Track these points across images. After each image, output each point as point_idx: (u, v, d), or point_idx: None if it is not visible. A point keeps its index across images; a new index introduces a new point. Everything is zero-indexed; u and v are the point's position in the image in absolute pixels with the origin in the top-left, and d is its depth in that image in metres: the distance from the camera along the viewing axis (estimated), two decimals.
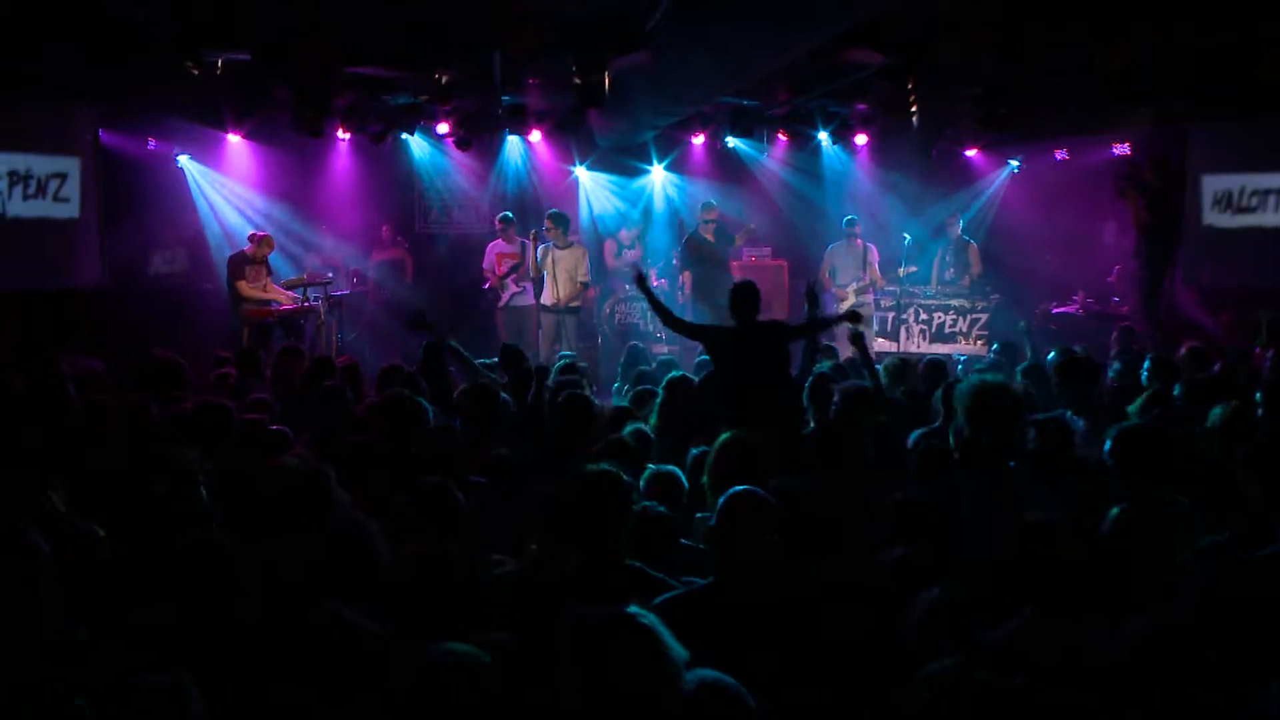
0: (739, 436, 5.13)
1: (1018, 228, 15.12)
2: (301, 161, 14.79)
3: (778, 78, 11.25)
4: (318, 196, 15.02)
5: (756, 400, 6.99)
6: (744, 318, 7.40)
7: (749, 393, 7.09)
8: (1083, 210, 14.94)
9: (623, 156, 15.26)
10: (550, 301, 12.36)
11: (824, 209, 15.66)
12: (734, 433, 5.16)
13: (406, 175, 15.52)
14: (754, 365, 7.24)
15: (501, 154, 15.27)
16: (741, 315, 7.42)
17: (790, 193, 15.72)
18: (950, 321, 13.88)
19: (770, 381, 7.20)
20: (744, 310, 7.42)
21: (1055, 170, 15.02)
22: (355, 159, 14.99)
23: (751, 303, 7.46)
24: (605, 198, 15.75)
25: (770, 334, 7.49)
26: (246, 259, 12.01)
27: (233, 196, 14.11)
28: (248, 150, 14.04)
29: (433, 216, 15.96)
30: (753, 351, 7.29)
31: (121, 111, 12.07)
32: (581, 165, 15.49)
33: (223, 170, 13.99)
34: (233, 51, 8.47)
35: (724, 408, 7.05)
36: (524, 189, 15.47)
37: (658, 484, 5.13)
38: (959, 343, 13.81)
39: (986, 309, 13.79)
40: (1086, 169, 14.51)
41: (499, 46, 6.96)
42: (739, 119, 13.98)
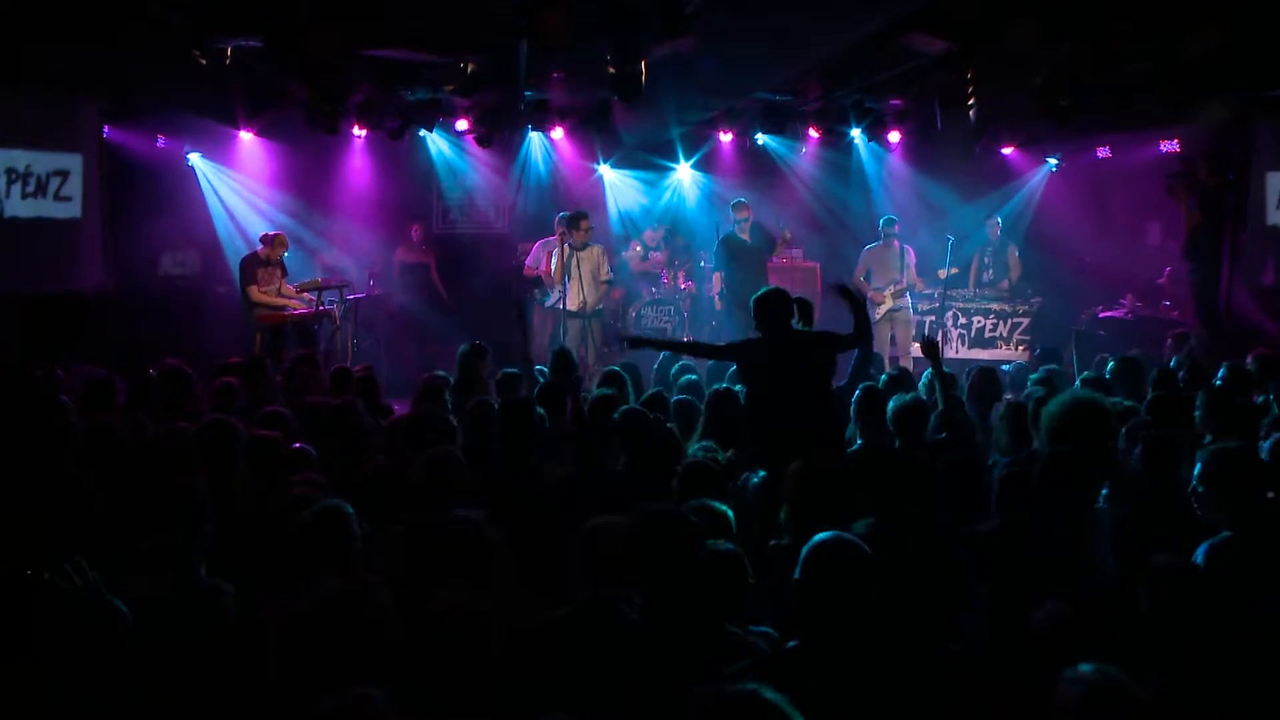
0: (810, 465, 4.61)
1: (1058, 228, 14.54)
2: (316, 160, 14.31)
3: (817, 70, 10.75)
4: (333, 196, 14.54)
5: (789, 420, 6.38)
6: (774, 328, 6.76)
7: (780, 412, 6.48)
8: (1126, 210, 14.45)
9: (648, 154, 14.76)
10: (576, 306, 11.79)
11: (857, 208, 15.14)
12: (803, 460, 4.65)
13: (425, 174, 15.01)
14: (786, 381, 6.60)
15: (523, 151, 14.75)
16: (770, 326, 6.77)
17: (822, 192, 15.21)
18: (990, 326, 13.35)
19: (805, 398, 6.55)
20: (773, 320, 6.77)
21: (1097, 169, 14.45)
22: (371, 157, 14.52)
23: (780, 312, 6.80)
24: (631, 196, 15.22)
25: (807, 345, 6.84)
26: (259, 261, 11.49)
27: (246, 196, 13.66)
28: (260, 148, 13.60)
29: (451, 216, 15.42)
30: (784, 366, 6.63)
31: (127, 106, 11.56)
32: (606, 163, 15.00)
33: (235, 168, 13.54)
34: (242, 37, 7.92)
35: (755, 429, 6.49)
36: (546, 188, 14.97)
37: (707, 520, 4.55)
38: (999, 348, 13.28)
39: (1028, 313, 13.28)
40: (1131, 167, 13.93)
41: (529, 33, 6.40)
42: (770, 115, 13.43)
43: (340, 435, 6.05)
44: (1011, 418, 6.44)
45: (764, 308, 6.77)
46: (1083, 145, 14.32)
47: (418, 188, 15.09)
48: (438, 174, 15.06)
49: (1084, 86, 7.43)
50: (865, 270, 12.65)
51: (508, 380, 7.86)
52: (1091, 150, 14.33)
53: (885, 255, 12.58)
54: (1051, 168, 15.00)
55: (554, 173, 14.93)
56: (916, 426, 6.23)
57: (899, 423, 6.22)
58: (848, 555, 3.21)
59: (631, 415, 5.96)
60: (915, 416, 6.23)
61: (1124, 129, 13.16)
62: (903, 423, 6.21)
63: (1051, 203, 14.92)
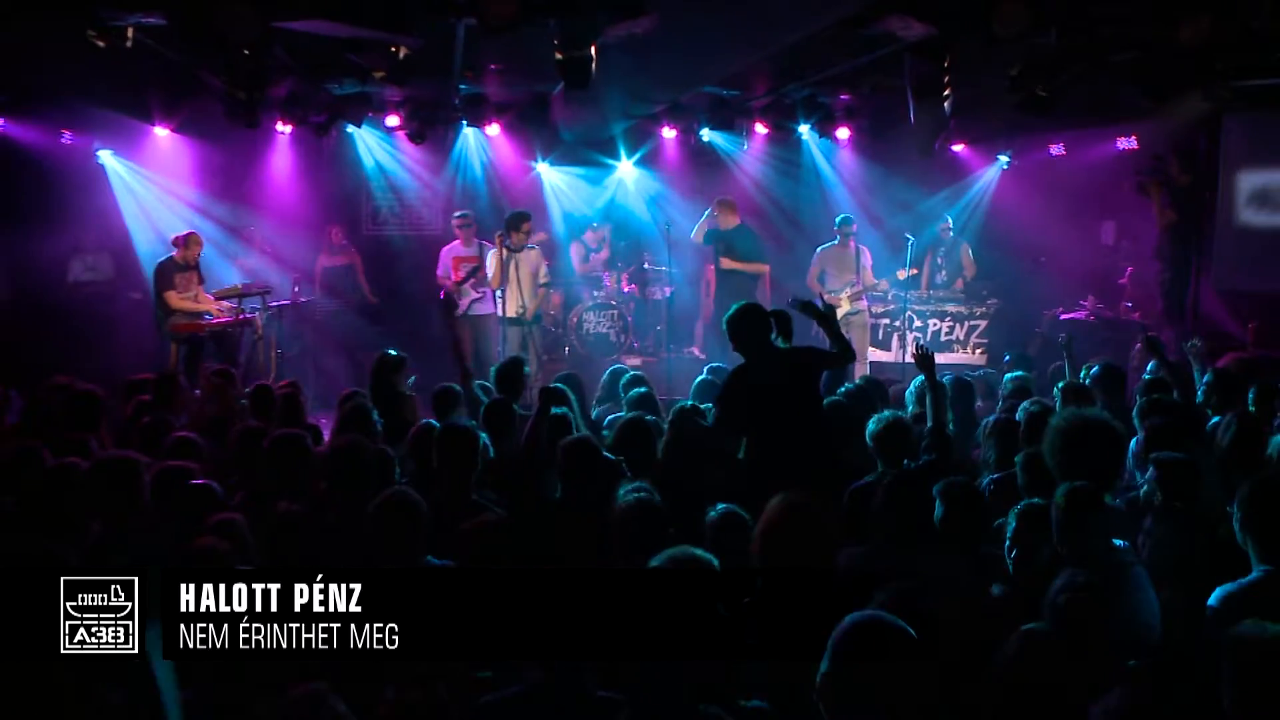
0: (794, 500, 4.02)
1: (1011, 227, 14.17)
2: (238, 158, 13.43)
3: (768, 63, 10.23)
4: (256, 197, 13.70)
5: (783, 451, 5.79)
6: (753, 349, 6.11)
7: (772, 442, 5.87)
8: (1080, 208, 14.00)
9: (588, 151, 14.10)
10: (516, 312, 11.10)
11: (808, 207, 14.62)
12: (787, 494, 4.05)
13: (354, 172, 14.22)
14: (777, 407, 5.94)
15: (457, 148, 14.03)
16: (749, 346, 6.11)
17: (771, 190, 14.66)
18: (946, 329, 12.87)
19: (801, 424, 5.94)
20: (750, 340, 6.13)
21: (1050, 166, 14.06)
22: (297, 155, 13.72)
23: (756, 329, 6.16)
24: (570, 195, 14.58)
25: (794, 365, 6.18)
26: (176, 265, 10.72)
27: (162, 196, 12.83)
28: (178, 145, 12.78)
29: (382, 217, 14.66)
30: (772, 390, 5.97)
31: (22, 97, 10.72)
32: (544, 161, 14.32)
33: (150, 167, 12.72)
34: (142, 13, 7.11)
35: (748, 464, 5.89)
36: (482, 186, 14.24)
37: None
38: (956, 352, 12.81)
39: (985, 315, 12.82)
40: (1085, 164, 13.55)
41: (471, 10, 5.75)
42: (717, 110, 12.86)
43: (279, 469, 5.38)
44: (1001, 434, 5.93)
45: (738, 326, 6.15)
46: (1035, 142, 13.95)
47: (347, 187, 14.32)
48: (367, 173, 14.28)
49: (1062, 77, 6.91)
50: (819, 271, 12.08)
51: (444, 397, 7.20)
52: (1044, 147, 13.96)
53: (841, 256, 12.03)
54: (1003, 165, 14.61)
55: (490, 171, 14.24)
56: (902, 448, 5.68)
57: (882, 443, 5.66)
58: (890, 642, 2.60)
59: (578, 450, 5.29)
60: (900, 437, 5.67)
61: (1079, 125, 12.76)
62: (886, 444, 5.65)
63: (1004, 201, 14.54)
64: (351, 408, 6.54)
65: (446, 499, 4.99)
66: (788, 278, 13.57)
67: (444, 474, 5.21)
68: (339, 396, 7.05)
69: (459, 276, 11.33)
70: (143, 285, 11.98)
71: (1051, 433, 4.75)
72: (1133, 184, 12.31)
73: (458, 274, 11.34)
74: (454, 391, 7.33)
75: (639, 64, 7.43)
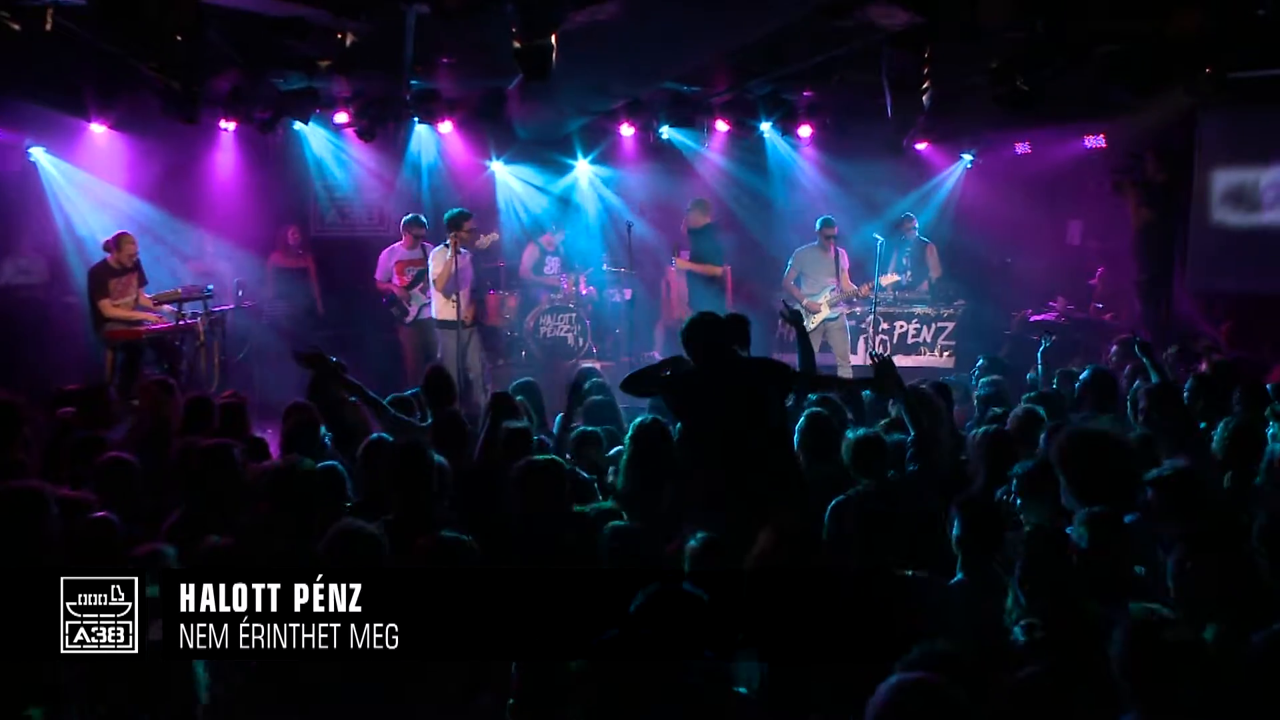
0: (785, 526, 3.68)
1: (976, 227, 13.96)
2: (179, 156, 12.81)
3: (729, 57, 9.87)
4: (199, 196, 13.10)
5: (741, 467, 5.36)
6: (708, 357, 5.67)
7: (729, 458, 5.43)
8: (1047, 208, 13.83)
9: (544, 149, 13.69)
10: (451, 316, 10.44)
11: (769, 207, 14.28)
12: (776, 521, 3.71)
13: (301, 171, 13.69)
14: (732, 420, 5.47)
15: (409, 147, 13.54)
16: (704, 355, 5.67)
17: (732, 190, 14.27)
18: (914, 331, 12.60)
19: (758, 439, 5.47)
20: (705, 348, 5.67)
21: (1016, 165, 13.84)
22: (242, 153, 13.16)
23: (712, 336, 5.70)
24: (526, 196, 14.10)
25: (754, 375, 5.73)
26: (110, 270, 10.17)
27: (100, 196, 12.28)
28: (116, 142, 12.21)
29: (331, 218, 14.15)
30: (727, 401, 5.49)
31: None
32: (498, 160, 13.87)
33: (86, 165, 12.18)
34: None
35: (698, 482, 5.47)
36: (435, 187, 13.76)
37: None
38: (923, 354, 12.54)
39: (953, 317, 12.57)
40: (1051, 163, 13.39)
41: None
42: (677, 107, 12.49)
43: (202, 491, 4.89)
44: (993, 447, 5.57)
45: (692, 336, 5.71)
46: (1000, 141, 13.71)
47: (294, 187, 13.78)
48: (314, 172, 13.76)
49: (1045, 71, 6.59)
50: (796, 274, 11.53)
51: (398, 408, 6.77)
52: (1010, 145, 13.76)
53: (820, 259, 11.51)
54: (967, 164, 14.36)
55: (442, 170, 13.75)
56: (881, 461, 5.34)
57: (860, 458, 5.30)
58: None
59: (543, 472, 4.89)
60: (878, 450, 5.32)
61: (1046, 123, 12.52)
62: (864, 458, 5.30)
63: (969, 201, 14.31)
64: (295, 424, 6.10)
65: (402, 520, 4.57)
66: (751, 278, 13.27)
67: (397, 496, 4.79)
68: (284, 410, 6.57)
69: (404, 281, 10.84)
70: (78, 289, 11.40)
71: (1068, 446, 4.43)
72: (1101, 183, 12.08)
73: (402, 278, 10.86)
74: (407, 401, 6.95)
75: (602, 55, 7.05)
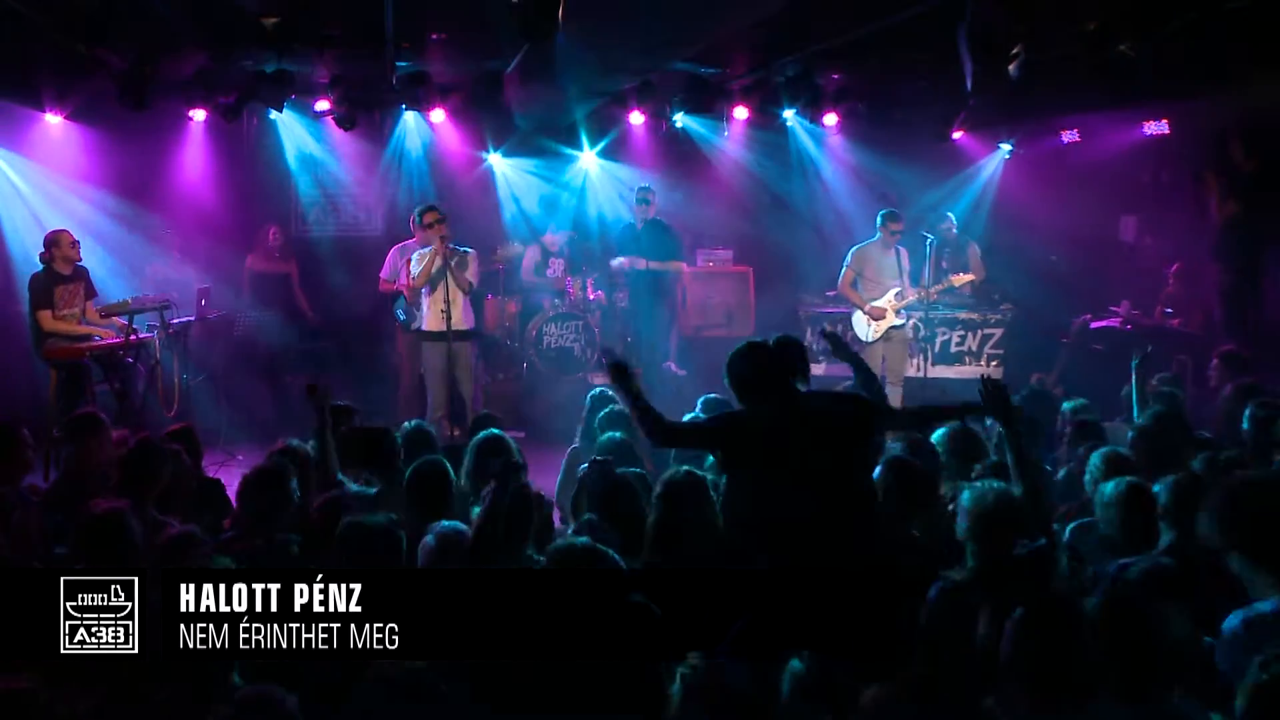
0: None
1: (1017, 224, 12.71)
2: (143, 150, 11.58)
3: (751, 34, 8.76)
4: (166, 194, 11.84)
5: (816, 543, 4.16)
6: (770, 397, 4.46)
7: (807, 526, 4.20)
8: (1095, 202, 12.57)
9: (546, 140, 12.44)
10: (439, 326, 9.12)
11: (790, 202, 13.07)
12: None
13: (279, 166, 12.41)
14: (806, 477, 4.26)
15: (396, 137, 12.30)
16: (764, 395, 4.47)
17: (753, 183, 13.05)
18: (957, 339, 11.43)
19: (840, 502, 4.27)
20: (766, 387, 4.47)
21: (1061, 155, 12.63)
22: (214, 146, 11.88)
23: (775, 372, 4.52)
24: (527, 191, 12.87)
25: (833, 416, 4.46)
26: (55, 277, 9.00)
27: (53, 194, 11.06)
28: (73, 135, 11.08)
29: (313, 216, 12.86)
30: (799, 455, 4.27)
31: None
32: (496, 151, 12.62)
33: (39, 160, 11.03)
34: None
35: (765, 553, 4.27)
36: (426, 181, 12.49)
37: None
38: (967, 364, 11.32)
39: (1000, 323, 11.35)
40: (1102, 153, 12.16)
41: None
42: (693, 91, 11.26)
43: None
44: (1134, 504, 4.37)
45: (743, 371, 4.50)
46: (1044, 128, 12.47)
47: (272, 183, 12.50)
48: (294, 166, 12.48)
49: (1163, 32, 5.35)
50: (854, 276, 10.24)
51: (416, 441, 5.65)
52: (1054, 134, 12.53)
53: (882, 258, 10.21)
54: (1005, 154, 13.11)
55: (434, 163, 12.52)
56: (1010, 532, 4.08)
57: (986, 523, 4.04)
58: None
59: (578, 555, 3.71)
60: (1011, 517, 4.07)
61: (1098, 107, 11.30)
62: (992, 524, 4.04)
63: (1009, 195, 13.06)
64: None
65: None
66: (776, 280, 12.12)
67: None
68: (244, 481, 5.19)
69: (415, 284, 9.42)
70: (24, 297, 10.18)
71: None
72: (1162, 173, 10.87)
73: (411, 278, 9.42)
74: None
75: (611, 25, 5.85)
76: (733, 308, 12.17)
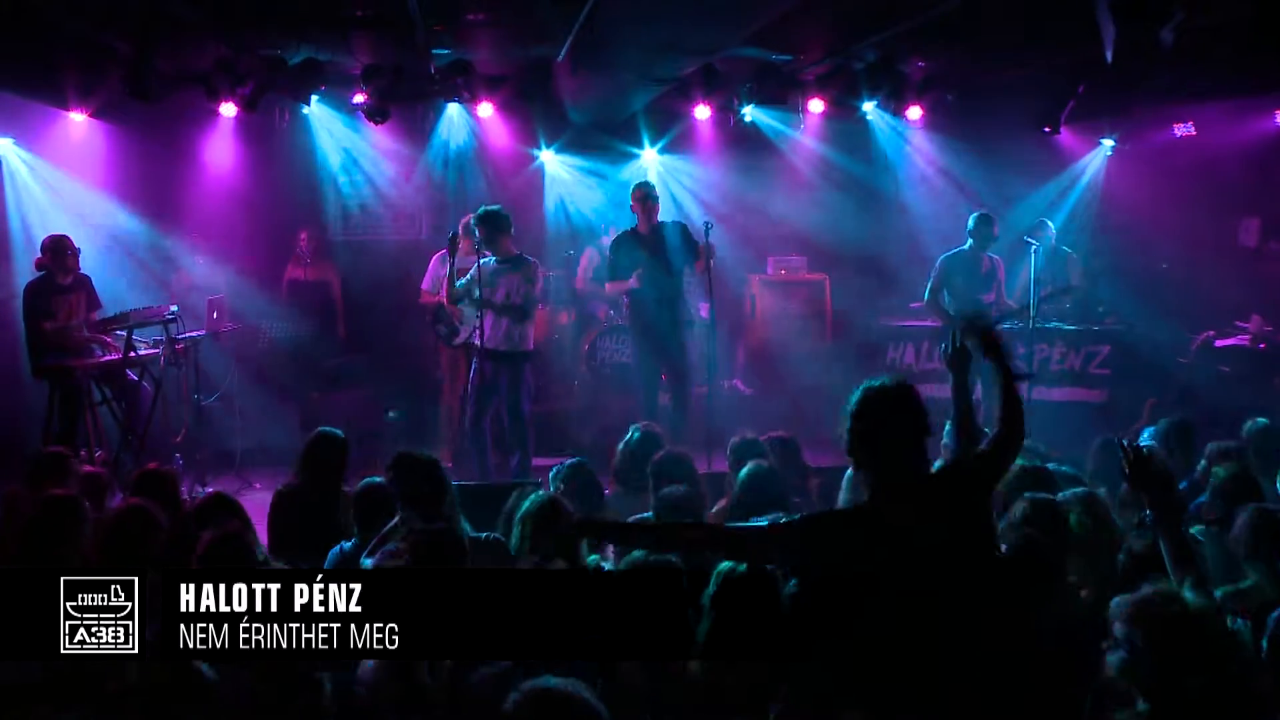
0: None
1: (1122, 228, 11.70)
2: (170, 148, 10.81)
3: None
4: (192, 196, 10.99)
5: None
6: (893, 473, 3.36)
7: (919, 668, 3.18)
8: (1211, 203, 11.45)
9: (604, 136, 11.44)
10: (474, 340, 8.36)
11: (874, 204, 12.06)
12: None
13: (312, 164, 11.50)
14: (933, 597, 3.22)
15: (437, 132, 11.37)
16: (888, 468, 3.37)
17: (831, 182, 11.95)
18: (1058, 356, 10.26)
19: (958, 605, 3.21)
20: (890, 456, 3.37)
21: (1171, 150, 11.55)
22: (243, 144, 10.99)
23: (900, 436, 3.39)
24: (581, 191, 11.88)
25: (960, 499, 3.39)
26: (54, 287, 8.23)
27: (77, 195, 10.40)
28: (97, 134, 10.41)
29: (349, 219, 11.93)
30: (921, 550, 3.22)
31: None
32: (549, 148, 11.63)
33: (62, 163, 10.38)
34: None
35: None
36: (470, 181, 11.60)
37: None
38: (1069, 386, 10.09)
39: (1105, 338, 10.14)
40: (1221, 147, 11.11)
41: None
42: (763, 81, 10.25)
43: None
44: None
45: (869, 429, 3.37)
46: (1153, 120, 11.33)
47: (305, 183, 11.58)
48: (331, 165, 11.59)
49: None
50: (939, 287, 9.32)
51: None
52: (1165, 127, 11.38)
53: (972, 267, 9.26)
54: (1108, 151, 11.91)
55: (482, 161, 11.59)
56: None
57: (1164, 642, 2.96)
58: None
59: None
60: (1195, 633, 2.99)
61: (1221, 96, 10.13)
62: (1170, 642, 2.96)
63: (1110, 195, 11.99)
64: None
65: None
66: (855, 289, 11.10)
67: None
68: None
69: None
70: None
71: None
72: None
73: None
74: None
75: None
76: (808, 319, 11.10)
